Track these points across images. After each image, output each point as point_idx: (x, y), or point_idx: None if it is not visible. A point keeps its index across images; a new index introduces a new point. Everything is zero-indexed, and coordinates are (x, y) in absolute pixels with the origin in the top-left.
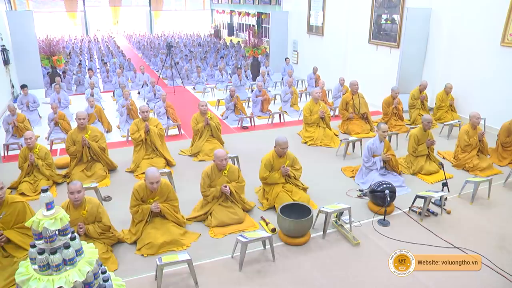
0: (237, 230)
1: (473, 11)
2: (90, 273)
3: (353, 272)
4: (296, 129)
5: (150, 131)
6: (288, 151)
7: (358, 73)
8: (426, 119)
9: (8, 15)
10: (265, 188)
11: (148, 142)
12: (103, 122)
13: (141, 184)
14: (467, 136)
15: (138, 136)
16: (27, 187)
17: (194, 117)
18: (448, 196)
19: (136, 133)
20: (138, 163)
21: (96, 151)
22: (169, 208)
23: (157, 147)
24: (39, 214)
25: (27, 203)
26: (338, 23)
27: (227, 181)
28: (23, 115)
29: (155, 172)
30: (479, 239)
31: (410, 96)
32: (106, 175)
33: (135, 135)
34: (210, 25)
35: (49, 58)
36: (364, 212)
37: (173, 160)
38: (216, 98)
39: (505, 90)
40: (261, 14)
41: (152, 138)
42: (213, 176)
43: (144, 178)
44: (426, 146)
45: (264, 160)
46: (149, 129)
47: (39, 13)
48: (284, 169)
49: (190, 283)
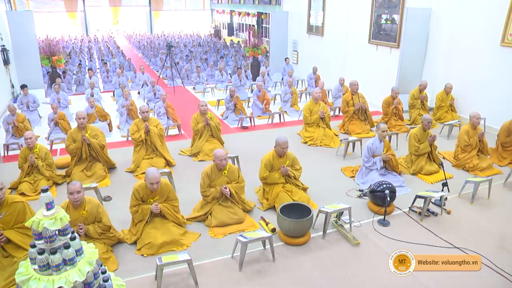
0: (237, 230)
1: (473, 11)
2: (90, 273)
3: (353, 272)
4: (296, 129)
5: (150, 131)
6: (288, 151)
7: (358, 73)
8: (426, 119)
9: (8, 15)
10: (265, 188)
11: (148, 143)
12: (104, 116)
13: (141, 184)
14: (467, 136)
15: (138, 136)
16: (27, 187)
17: (194, 117)
18: (448, 196)
19: (136, 133)
20: (138, 163)
21: (95, 148)
22: (169, 208)
23: (157, 147)
24: (39, 214)
25: (27, 203)
26: (338, 23)
27: (227, 181)
28: (23, 115)
29: (155, 173)
30: (479, 239)
31: (410, 96)
32: (106, 175)
33: (135, 135)
34: (210, 25)
35: (49, 58)
36: (364, 212)
37: (173, 160)
38: (216, 98)
39: (505, 90)
40: (261, 14)
41: (152, 139)
42: (213, 176)
43: (144, 178)
44: (428, 143)
45: (264, 160)
46: (149, 129)
47: (39, 13)
48: (284, 169)
49: (190, 283)
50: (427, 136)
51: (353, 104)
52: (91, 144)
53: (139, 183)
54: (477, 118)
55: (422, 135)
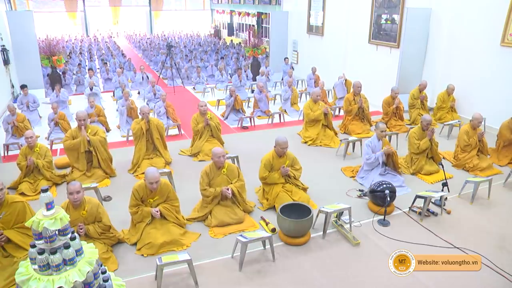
0: (237, 230)
1: (473, 11)
2: (90, 273)
3: (353, 272)
4: (296, 129)
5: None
6: (288, 151)
7: (358, 73)
8: (426, 119)
9: (8, 15)
10: (265, 188)
11: (149, 141)
12: (103, 122)
13: (140, 184)
14: (467, 136)
15: (200, 127)
16: (27, 187)
17: (194, 117)
18: (448, 196)
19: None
20: (139, 163)
21: (95, 144)
22: (169, 209)
23: (154, 141)
24: (39, 214)
25: (27, 202)
26: (338, 23)
27: (227, 180)
28: (23, 115)
29: (155, 172)
30: (479, 239)
31: (410, 96)
32: (106, 175)
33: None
34: (210, 25)
35: (49, 58)
36: (364, 212)
37: (169, 158)
38: (216, 98)
39: (505, 90)
40: (261, 14)
41: (154, 135)
42: (212, 174)
43: (144, 178)
44: (428, 138)
45: (264, 160)
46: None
47: (39, 13)
48: (284, 170)
49: (190, 283)
50: (425, 135)
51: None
52: (91, 141)
53: (139, 183)
54: (479, 121)
55: (422, 134)
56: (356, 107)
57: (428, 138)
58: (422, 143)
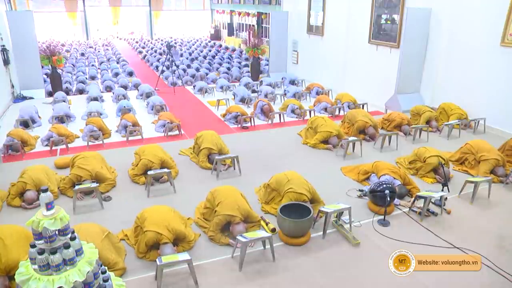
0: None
1: (473, 11)
2: (90, 273)
3: (353, 272)
4: (296, 129)
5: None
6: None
7: (358, 73)
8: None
9: (8, 15)
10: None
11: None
12: (104, 132)
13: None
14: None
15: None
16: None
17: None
18: (448, 196)
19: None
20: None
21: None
22: (184, 246)
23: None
24: (39, 214)
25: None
26: (338, 23)
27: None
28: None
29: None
30: (479, 239)
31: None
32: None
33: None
34: (210, 25)
35: (49, 58)
36: (364, 212)
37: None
38: (216, 98)
39: (505, 90)
40: (261, 14)
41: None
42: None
43: (144, 179)
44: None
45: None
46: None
47: (39, 13)
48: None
49: (190, 283)
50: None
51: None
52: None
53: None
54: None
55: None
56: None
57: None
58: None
